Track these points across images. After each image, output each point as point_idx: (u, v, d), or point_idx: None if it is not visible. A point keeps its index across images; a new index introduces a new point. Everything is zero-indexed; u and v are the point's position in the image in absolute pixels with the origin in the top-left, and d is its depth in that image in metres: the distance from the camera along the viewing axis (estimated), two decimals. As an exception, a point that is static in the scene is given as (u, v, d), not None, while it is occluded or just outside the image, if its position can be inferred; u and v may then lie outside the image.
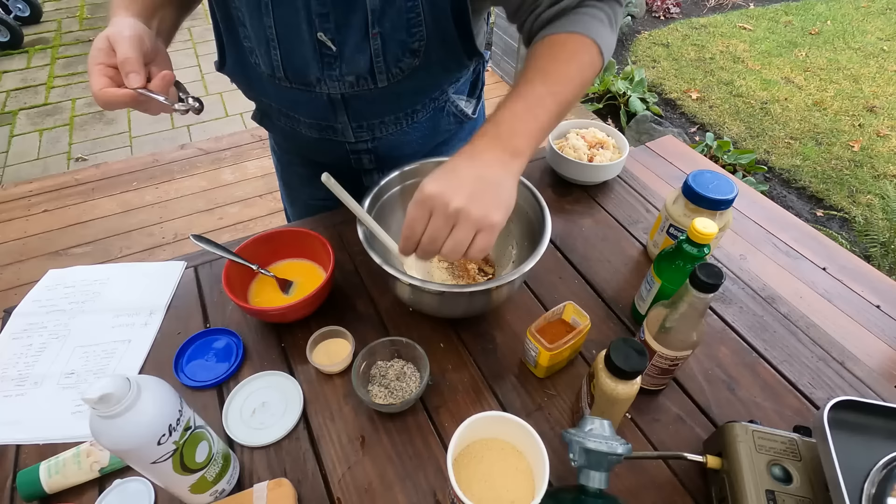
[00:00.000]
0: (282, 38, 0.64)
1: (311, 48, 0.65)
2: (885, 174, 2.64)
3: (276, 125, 0.83)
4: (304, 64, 0.66)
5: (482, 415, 0.49)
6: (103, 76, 0.54)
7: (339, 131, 0.77)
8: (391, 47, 0.65)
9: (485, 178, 0.49)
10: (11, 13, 3.45)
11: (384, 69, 0.67)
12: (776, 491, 0.49)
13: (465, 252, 0.49)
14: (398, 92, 0.71)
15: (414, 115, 0.78)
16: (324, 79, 0.68)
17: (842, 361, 0.70)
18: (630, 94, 2.94)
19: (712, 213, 0.72)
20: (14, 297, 1.87)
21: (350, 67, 0.66)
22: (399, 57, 0.66)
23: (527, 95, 0.54)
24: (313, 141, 0.80)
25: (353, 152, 0.81)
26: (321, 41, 0.63)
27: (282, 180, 1.02)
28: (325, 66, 0.66)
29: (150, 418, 0.43)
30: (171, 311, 0.75)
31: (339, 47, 0.64)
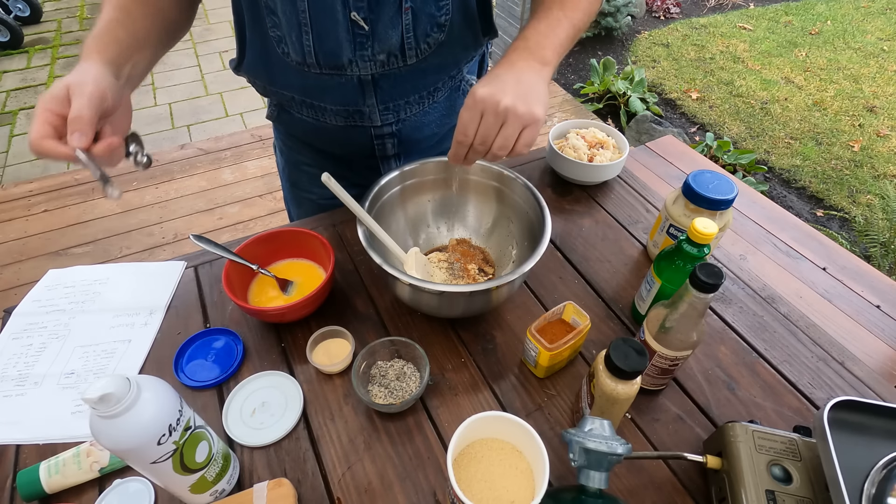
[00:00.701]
0: (315, 21, 0.65)
1: (344, 29, 0.66)
2: (885, 174, 2.64)
3: (296, 118, 0.83)
4: (337, 46, 0.68)
5: (482, 415, 0.49)
6: (47, 124, 0.52)
7: (367, 115, 0.78)
8: (421, 21, 0.68)
9: (524, 81, 0.57)
10: (11, 13, 3.44)
11: (414, 45, 0.70)
12: (776, 491, 0.49)
13: (513, 147, 0.56)
14: (423, 69, 0.74)
15: (435, 93, 0.81)
16: (356, 60, 0.69)
17: (842, 361, 0.70)
18: (630, 94, 2.93)
19: (712, 213, 0.72)
20: (14, 297, 1.87)
21: (382, 45, 0.68)
22: (427, 31, 0.69)
23: (548, 18, 0.62)
24: (338, 129, 0.81)
25: (377, 137, 0.83)
26: (354, 21, 0.65)
27: (288, 181, 1.01)
28: (358, 47, 0.68)
29: (150, 418, 0.43)
30: (171, 311, 0.75)
31: (372, 25, 0.66)
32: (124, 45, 0.60)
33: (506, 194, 0.78)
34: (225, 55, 3.34)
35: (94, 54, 0.57)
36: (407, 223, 0.81)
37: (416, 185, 0.79)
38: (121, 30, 0.60)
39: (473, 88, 0.56)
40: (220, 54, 3.35)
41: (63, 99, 0.52)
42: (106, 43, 0.59)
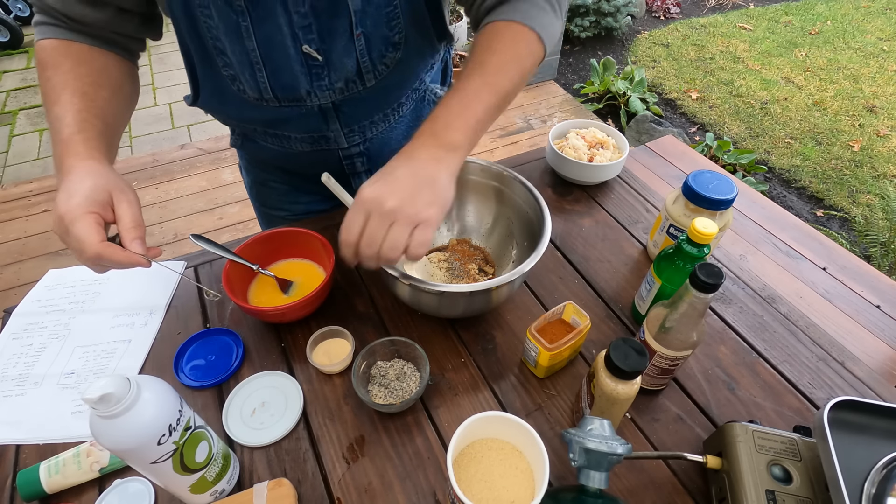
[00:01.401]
0: (266, 59, 0.63)
1: (297, 62, 0.64)
2: (885, 174, 2.64)
3: (261, 146, 0.82)
4: (293, 80, 0.66)
5: (482, 415, 0.49)
6: (99, 226, 0.52)
7: (332, 139, 0.77)
8: (375, 44, 0.66)
9: (419, 175, 0.51)
10: (11, 13, 3.45)
11: (371, 67, 0.68)
12: (776, 491, 0.49)
13: (406, 250, 0.50)
14: (385, 88, 0.73)
15: (399, 108, 0.80)
16: (313, 90, 0.68)
17: (842, 361, 0.70)
18: (630, 94, 2.93)
19: (712, 213, 0.72)
20: (14, 297, 1.87)
21: (338, 73, 0.67)
22: (383, 52, 0.67)
23: (463, 89, 0.55)
24: (305, 154, 0.80)
25: (345, 157, 0.82)
26: (307, 53, 0.63)
27: (257, 200, 1.00)
28: (314, 78, 0.66)
29: (150, 418, 0.43)
30: (171, 311, 0.75)
31: (326, 55, 0.64)
32: (105, 136, 0.59)
33: (506, 194, 0.78)
34: (225, 55, 3.33)
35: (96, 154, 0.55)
36: (407, 223, 0.81)
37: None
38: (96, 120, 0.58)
39: (362, 187, 0.51)
40: (220, 54, 3.34)
41: (107, 204, 0.53)
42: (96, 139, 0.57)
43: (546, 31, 0.60)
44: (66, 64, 0.59)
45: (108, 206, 0.53)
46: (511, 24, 0.58)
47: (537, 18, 0.59)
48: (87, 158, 0.54)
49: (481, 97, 0.55)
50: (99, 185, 0.52)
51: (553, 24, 0.61)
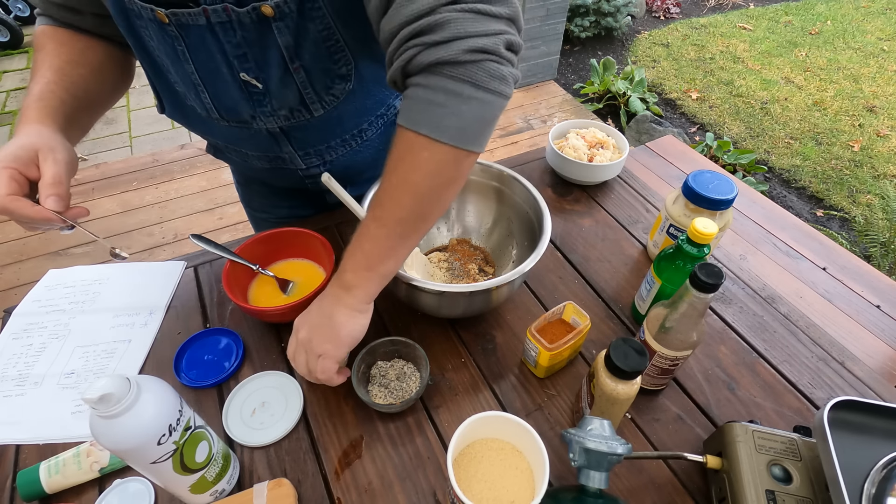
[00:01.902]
0: (206, 82, 0.62)
1: (236, 88, 0.62)
2: (885, 174, 2.64)
3: (229, 157, 0.81)
4: (234, 104, 0.64)
5: (482, 415, 0.49)
6: (14, 182, 0.52)
7: (288, 160, 0.75)
8: (317, 77, 0.62)
9: (323, 313, 0.57)
10: (11, 13, 3.44)
11: (316, 98, 0.65)
12: (776, 491, 0.49)
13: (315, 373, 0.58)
14: (338, 116, 0.69)
15: (361, 134, 0.76)
16: (257, 115, 0.65)
17: (842, 361, 0.70)
18: (630, 94, 2.94)
19: (712, 213, 0.72)
20: (14, 297, 1.87)
21: (280, 102, 0.64)
22: (328, 85, 0.64)
23: (360, 229, 0.55)
24: (266, 171, 0.79)
25: (307, 177, 0.79)
26: (245, 80, 0.61)
27: (244, 202, 1.01)
28: (256, 104, 0.64)
29: (150, 418, 0.43)
30: (171, 311, 0.75)
31: (265, 84, 0.61)
32: (68, 107, 0.61)
33: (506, 194, 0.78)
34: (225, 55, 3.33)
35: (45, 118, 0.57)
36: (407, 223, 0.81)
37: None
38: (62, 92, 0.60)
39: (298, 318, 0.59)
40: (220, 54, 3.35)
41: (29, 161, 0.54)
42: (53, 107, 0.59)
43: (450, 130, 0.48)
44: (50, 45, 0.62)
45: (33, 163, 0.54)
46: (403, 133, 0.50)
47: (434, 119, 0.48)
48: (34, 122, 0.56)
49: (370, 233, 0.53)
50: (27, 144, 0.53)
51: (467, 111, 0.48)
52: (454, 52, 0.45)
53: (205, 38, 0.57)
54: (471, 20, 0.45)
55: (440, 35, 0.45)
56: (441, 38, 0.46)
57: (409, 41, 0.47)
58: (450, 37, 0.45)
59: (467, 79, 0.47)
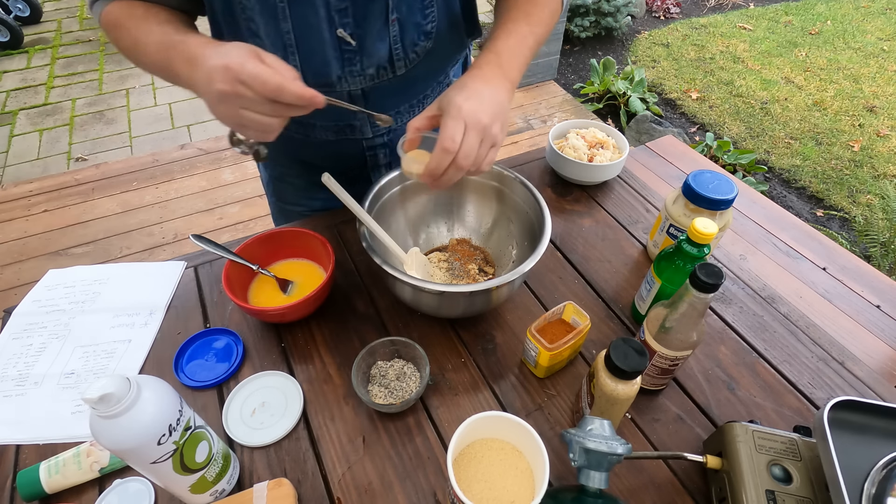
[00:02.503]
0: (300, 41, 0.64)
1: (331, 46, 0.65)
2: (885, 174, 2.64)
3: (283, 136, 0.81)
4: (325, 64, 0.67)
5: (482, 415, 0.49)
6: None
7: (358, 129, 0.78)
8: (408, 32, 0.68)
9: (498, 101, 0.57)
10: (11, 13, 3.45)
11: (402, 55, 0.69)
12: (776, 491, 0.49)
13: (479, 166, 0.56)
14: (413, 77, 0.74)
15: (424, 101, 0.81)
16: (344, 76, 0.69)
17: (842, 361, 0.70)
18: (630, 94, 2.93)
19: (712, 213, 0.72)
20: (14, 297, 1.87)
21: (370, 60, 0.68)
22: (415, 41, 0.69)
23: (517, 33, 0.62)
24: (329, 143, 0.80)
25: (369, 149, 0.82)
26: (341, 38, 0.64)
27: (274, 195, 1.00)
28: (346, 63, 0.67)
29: (150, 418, 0.43)
30: (171, 311, 0.75)
31: (359, 41, 0.66)
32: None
33: (506, 194, 0.78)
34: (225, 55, 3.33)
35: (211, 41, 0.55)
36: (407, 223, 0.81)
37: (416, 185, 0.79)
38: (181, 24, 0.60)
39: (452, 98, 0.55)
40: (220, 54, 3.34)
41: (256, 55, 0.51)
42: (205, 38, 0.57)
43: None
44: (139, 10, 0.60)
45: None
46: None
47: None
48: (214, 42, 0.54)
49: (528, 43, 0.63)
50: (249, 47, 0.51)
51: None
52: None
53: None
54: None
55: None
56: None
57: None
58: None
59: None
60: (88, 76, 3.13)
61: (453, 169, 0.54)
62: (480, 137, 0.54)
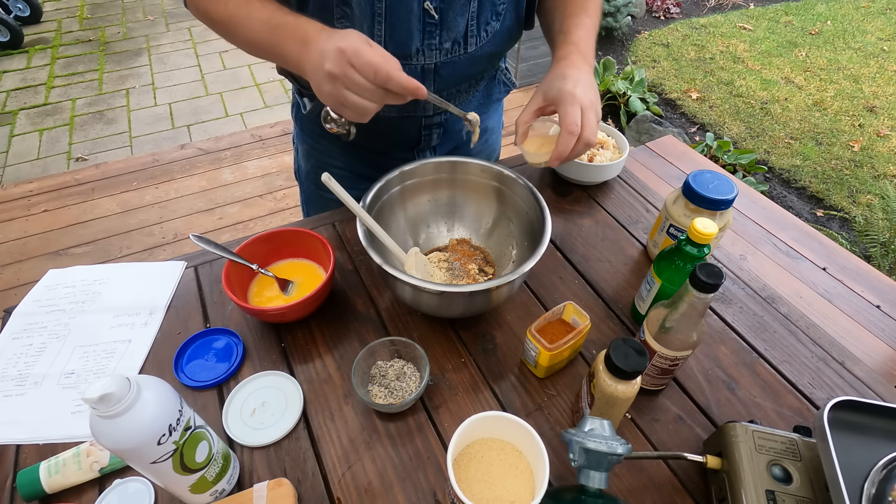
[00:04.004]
0: (390, 11, 0.66)
1: (417, 18, 0.68)
2: (885, 174, 2.64)
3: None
4: (408, 35, 0.69)
5: (482, 415, 0.49)
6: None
7: (421, 105, 0.80)
8: (484, 9, 0.72)
9: (592, 82, 0.66)
10: (11, 13, 3.45)
11: (476, 32, 0.73)
12: (776, 491, 0.49)
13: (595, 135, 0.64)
14: (478, 57, 0.77)
15: (478, 83, 0.85)
16: (423, 49, 0.71)
17: (842, 361, 0.70)
18: (630, 94, 2.93)
19: (712, 213, 0.72)
20: (14, 297, 1.87)
21: (449, 33, 0.71)
22: (488, 19, 0.73)
23: (585, 26, 0.70)
24: (389, 121, 0.81)
25: (425, 127, 0.85)
26: (426, 10, 0.68)
27: (314, 183, 1.00)
28: (427, 36, 0.70)
29: (150, 418, 0.43)
30: (171, 311, 0.75)
31: (442, 14, 0.69)
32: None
33: (506, 194, 0.78)
34: (225, 55, 3.34)
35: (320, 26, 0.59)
36: (407, 223, 0.81)
37: (416, 185, 0.79)
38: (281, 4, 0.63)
39: (561, 87, 0.63)
40: (221, 54, 3.35)
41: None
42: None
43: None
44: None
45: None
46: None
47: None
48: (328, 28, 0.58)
49: (593, 32, 0.72)
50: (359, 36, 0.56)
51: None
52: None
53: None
54: None
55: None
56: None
57: None
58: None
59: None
60: (88, 76, 3.13)
61: (581, 146, 0.63)
62: (594, 114, 0.63)
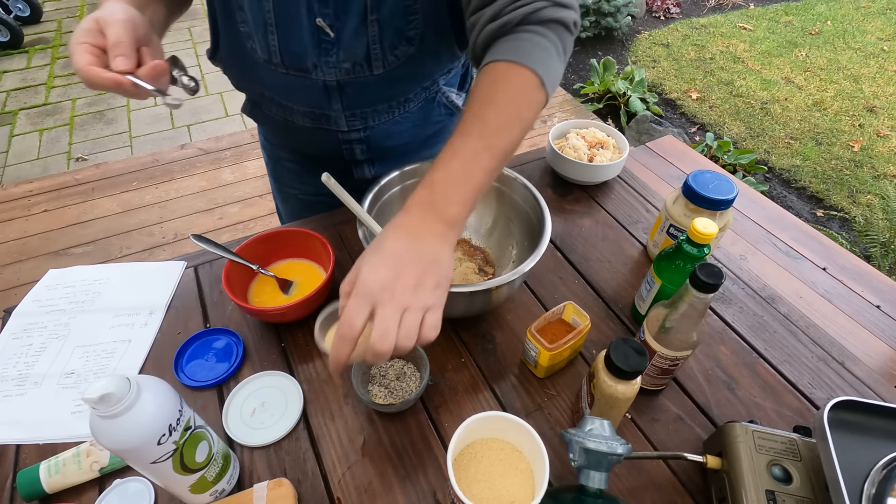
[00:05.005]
0: (280, 23, 0.64)
1: (309, 33, 0.64)
2: (885, 174, 2.64)
3: (266, 115, 0.82)
4: (302, 49, 0.66)
5: (482, 415, 0.49)
6: (88, 54, 0.52)
7: (333, 119, 0.76)
8: (388, 34, 0.65)
9: (424, 255, 0.46)
10: (11, 13, 3.45)
11: (380, 56, 0.67)
12: (776, 491, 0.49)
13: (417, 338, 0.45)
14: (392, 79, 0.72)
15: (406, 104, 0.78)
16: (320, 65, 0.67)
17: (842, 361, 0.70)
18: (630, 94, 2.94)
19: (712, 213, 0.72)
20: (14, 297, 1.87)
21: (347, 54, 0.66)
22: (395, 44, 0.67)
23: (463, 152, 0.50)
24: (306, 130, 0.80)
25: (345, 142, 0.81)
26: (319, 27, 0.63)
27: (272, 176, 1.01)
28: (323, 52, 0.66)
29: (150, 418, 0.43)
30: (171, 311, 0.75)
31: (337, 33, 0.64)
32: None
33: (506, 194, 0.78)
34: (225, 55, 3.33)
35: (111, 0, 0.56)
36: (407, 223, 0.81)
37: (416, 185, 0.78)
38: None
39: (361, 268, 0.45)
40: (220, 54, 3.34)
41: (96, 31, 0.53)
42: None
43: (550, 76, 0.54)
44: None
45: (100, 32, 0.53)
46: (513, 68, 0.53)
47: (542, 62, 0.54)
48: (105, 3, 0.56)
49: (482, 162, 0.50)
50: (93, 17, 0.54)
51: (558, 69, 0.56)
52: (570, 19, 0.58)
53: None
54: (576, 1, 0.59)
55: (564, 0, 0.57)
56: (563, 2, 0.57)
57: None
58: (569, 4, 0.58)
59: (566, 42, 0.58)
60: (88, 76, 3.12)
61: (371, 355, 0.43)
62: (401, 310, 0.43)
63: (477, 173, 0.49)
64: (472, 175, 0.49)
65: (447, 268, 0.48)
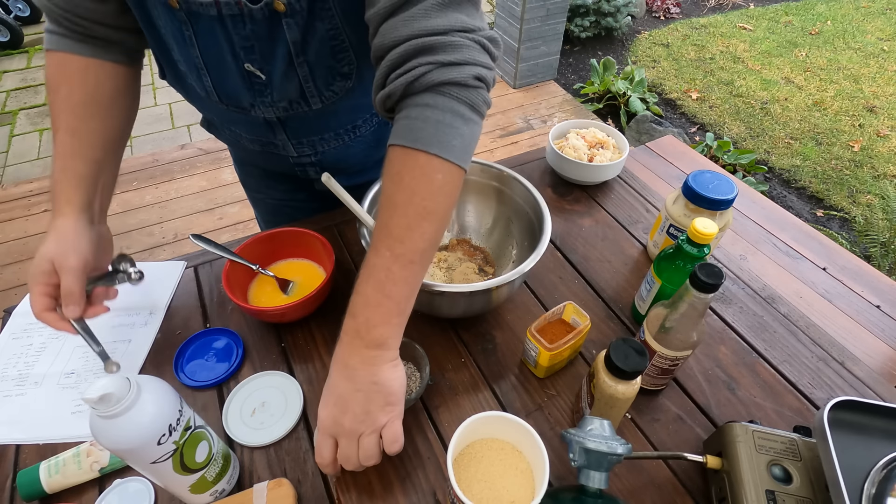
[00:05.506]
0: (210, 67, 0.63)
1: (240, 77, 0.63)
2: (885, 174, 2.64)
3: (221, 135, 0.82)
4: (236, 91, 0.65)
5: (482, 415, 0.49)
6: (45, 296, 0.59)
7: (280, 147, 0.76)
8: (320, 73, 0.64)
9: (362, 385, 0.50)
10: (11, 13, 3.44)
11: (316, 93, 0.66)
12: (776, 491, 0.49)
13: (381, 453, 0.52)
14: (335, 111, 0.71)
15: (355, 129, 0.78)
16: (257, 104, 0.67)
17: (842, 361, 0.70)
18: (630, 94, 2.94)
19: (712, 213, 0.72)
20: (14, 297, 1.87)
21: (281, 94, 0.65)
22: (329, 81, 0.66)
23: (375, 272, 0.49)
24: (258, 153, 0.80)
25: (297, 165, 0.81)
26: (249, 71, 0.62)
27: (241, 181, 1.02)
28: (257, 94, 0.65)
29: (150, 418, 0.43)
30: (171, 311, 0.75)
31: (268, 76, 0.63)
32: (87, 179, 0.62)
33: (506, 194, 0.78)
34: (225, 55, 3.33)
35: (64, 207, 0.61)
36: (407, 223, 0.81)
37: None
38: (79, 163, 0.62)
39: (319, 411, 0.52)
40: (220, 54, 3.34)
41: (51, 272, 0.59)
42: (72, 187, 0.61)
43: (450, 148, 0.49)
44: (63, 90, 0.62)
45: (54, 273, 0.59)
46: (407, 154, 0.48)
47: (435, 137, 0.48)
48: (58, 216, 0.61)
49: (394, 276, 0.49)
50: (46, 255, 0.59)
51: (462, 134, 0.50)
52: (464, 75, 0.49)
53: (213, 28, 0.58)
54: (477, 50, 0.50)
55: (452, 56, 0.48)
56: (453, 60, 0.48)
57: (417, 56, 0.49)
58: (461, 60, 0.49)
59: (469, 102, 0.50)
60: (88, 76, 3.12)
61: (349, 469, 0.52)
62: (355, 437, 0.50)
63: (392, 290, 0.49)
64: (387, 294, 0.49)
65: (389, 385, 0.51)
